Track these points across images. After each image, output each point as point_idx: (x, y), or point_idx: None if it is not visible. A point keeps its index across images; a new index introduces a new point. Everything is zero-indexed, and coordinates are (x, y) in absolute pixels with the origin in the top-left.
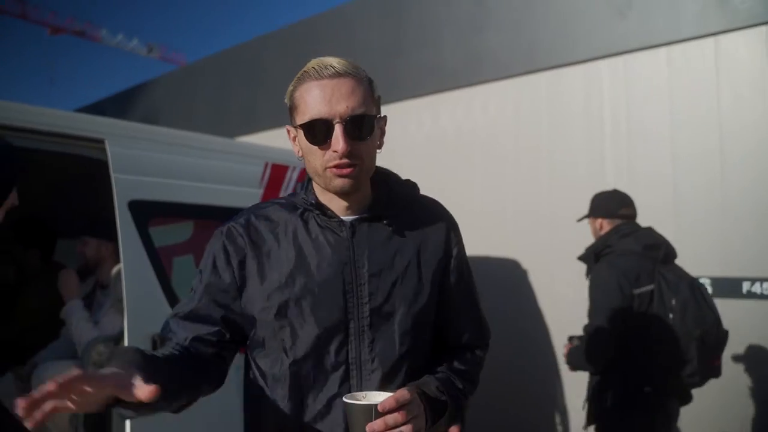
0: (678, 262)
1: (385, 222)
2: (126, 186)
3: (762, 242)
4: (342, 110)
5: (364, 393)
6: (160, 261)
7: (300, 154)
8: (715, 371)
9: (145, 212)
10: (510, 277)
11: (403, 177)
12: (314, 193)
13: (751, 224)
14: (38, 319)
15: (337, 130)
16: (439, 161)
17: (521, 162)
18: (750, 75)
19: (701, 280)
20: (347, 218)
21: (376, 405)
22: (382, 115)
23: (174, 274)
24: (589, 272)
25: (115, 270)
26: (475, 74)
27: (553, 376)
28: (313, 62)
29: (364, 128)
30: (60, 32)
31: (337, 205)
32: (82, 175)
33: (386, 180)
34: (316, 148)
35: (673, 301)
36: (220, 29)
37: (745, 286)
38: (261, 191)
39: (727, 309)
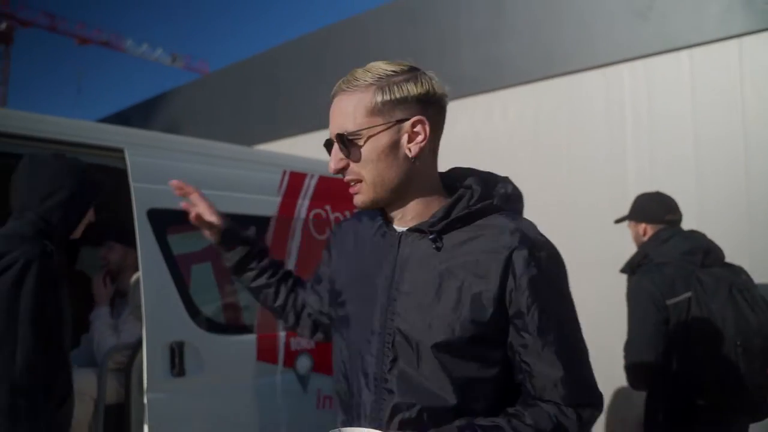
0: None
1: (430, 238)
2: (145, 194)
3: None
4: (332, 130)
5: (364, 430)
6: (178, 269)
7: None
8: None
9: (164, 220)
10: None
11: None
12: None
13: None
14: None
15: (333, 148)
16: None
17: (541, 168)
18: None
19: None
20: (400, 228)
21: None
22: (412, 117)
23: (192, 282)
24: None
25: (134, 278)
26: (494, 80)
27: None
28: None
29: (345, 147)
30: (87, 43)
31: (392, 215)
32: (103, 184)
33: (462, 189)
34: None
35: (713, 307)
36: (243, 38)
37: None
38: (279, 199)
39: None
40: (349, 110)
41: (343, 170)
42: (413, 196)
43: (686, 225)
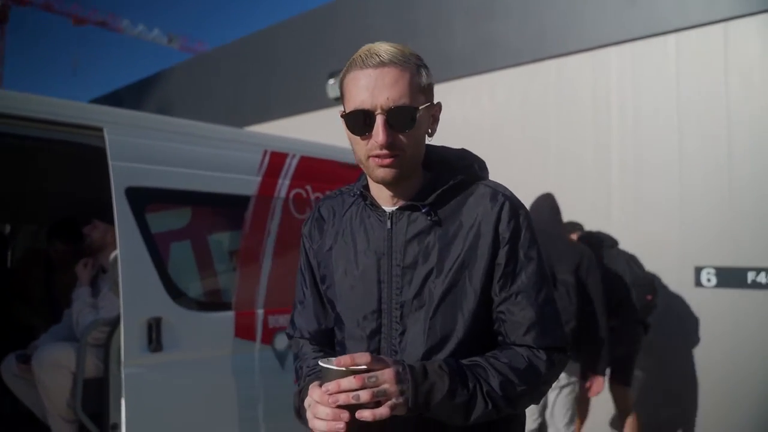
0: (682, 251)
1: (423, 212)
2: (123, 173)
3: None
4: (383, 101)
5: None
6: (156, 246)
7: (349, 139)
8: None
9: (142, 199)
10: None
11: None
12: (366, 181)
13: (757, 214)
14: (50, 303)
15: (378, 120)
16: None
17: (528, 149)
18: (759, 62)
19: (706, 270)
20: (389, 209)
21: (334, 369)
22: (435, 101)
23: (171, 259)
24: None
25: (113, 255)
26: (484, 62)
27: None
28: (362, 49)
29: (404, 119)
30: (83, 23)
31: (384, 194)
32: (82, 163)
33: (440, 165)
34: (358, 137)
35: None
36: (240, 19)
37: (750, 276)
38: (259, 179)
39: (731, 298)
40: (403, 84)
41: (389, 143)
42: (417, 174)
43: (669, 205)
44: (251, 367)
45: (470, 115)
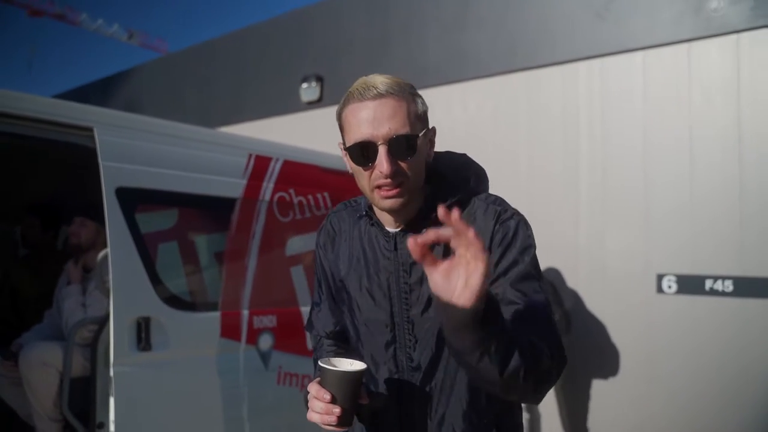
0: (645, 259)
1: (424, 231)
2: (114, 173)
3: (726, 241)
4: (385, 132)
5: (350, 361)
6: (146, 246)
7: (351, 171)
8: None
9: (132, 199)
10: None
11: None
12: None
13: (716, 225)
14: (36, 295)
15: (381, 151)
16: None
17: (499, 160)
18: (721, 81)
19: (667, 277)
20: (392, 230)
21: (332, 370)
22: (430, 127)
23: (159, 260)
24: None
25: (101, 254)
26: (456, 72)
27: None
28: (358, 82)
29: (406, 148)
30: (39, 15)
31: (386, 216)
32: (71, 162)
33: (438, 179)
34: (361, 168)
35: None
36: (204, 18)
37: (708, 283)
38: (244, 182)
39: (690, 304)
40: (402, 113)
41: (393, 172)
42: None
43: (634, 216)
44: (236, 367)
45: (442, 123)
